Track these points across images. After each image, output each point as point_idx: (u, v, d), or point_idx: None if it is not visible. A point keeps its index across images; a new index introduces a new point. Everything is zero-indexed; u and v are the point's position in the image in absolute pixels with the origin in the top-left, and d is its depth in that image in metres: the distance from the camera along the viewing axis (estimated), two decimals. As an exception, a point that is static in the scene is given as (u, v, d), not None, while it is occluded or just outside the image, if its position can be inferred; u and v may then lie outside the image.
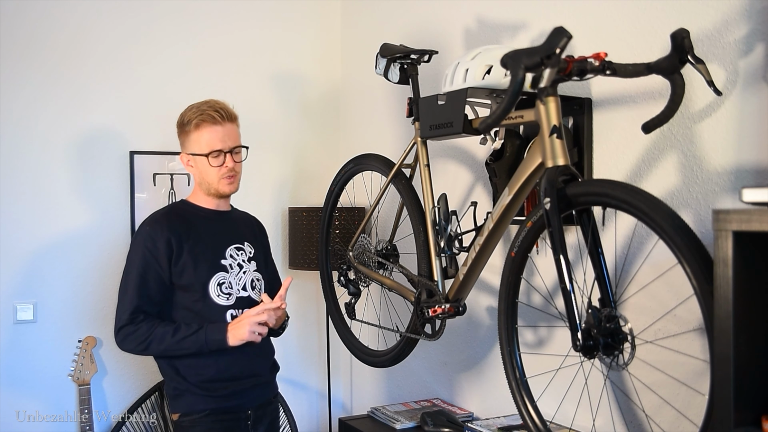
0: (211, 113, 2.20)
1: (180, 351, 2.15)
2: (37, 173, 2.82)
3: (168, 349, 2.15)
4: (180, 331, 2.14)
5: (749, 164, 1.63)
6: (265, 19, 3.28)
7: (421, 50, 2.20)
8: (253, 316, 2.15)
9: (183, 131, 2.25)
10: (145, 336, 2.14)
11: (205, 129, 2.20)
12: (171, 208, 2.34)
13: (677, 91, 1.58)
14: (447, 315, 2.01)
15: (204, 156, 2.21)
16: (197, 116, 2.20)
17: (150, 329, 2.14)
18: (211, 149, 2.20)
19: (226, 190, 2.27)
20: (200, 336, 2.13)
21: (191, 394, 2.21)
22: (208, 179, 2.25)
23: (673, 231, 1.33)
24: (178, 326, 2.16)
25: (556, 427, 2.02)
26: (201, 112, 2.20)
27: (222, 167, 2.22)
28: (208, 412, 2.20)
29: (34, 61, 2.81)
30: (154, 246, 2.19)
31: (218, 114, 2.20)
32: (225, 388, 2.22)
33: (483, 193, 2.48)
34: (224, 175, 2.24)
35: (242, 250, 2.32)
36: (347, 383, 3.43)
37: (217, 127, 2.21)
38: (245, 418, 2.26)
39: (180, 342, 2.13)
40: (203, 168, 2.24)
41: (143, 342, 2.14)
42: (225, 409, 2.23)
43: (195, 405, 2.21)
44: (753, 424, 1.20)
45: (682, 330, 1.74)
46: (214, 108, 2.21)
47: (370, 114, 3.21)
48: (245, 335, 2.14)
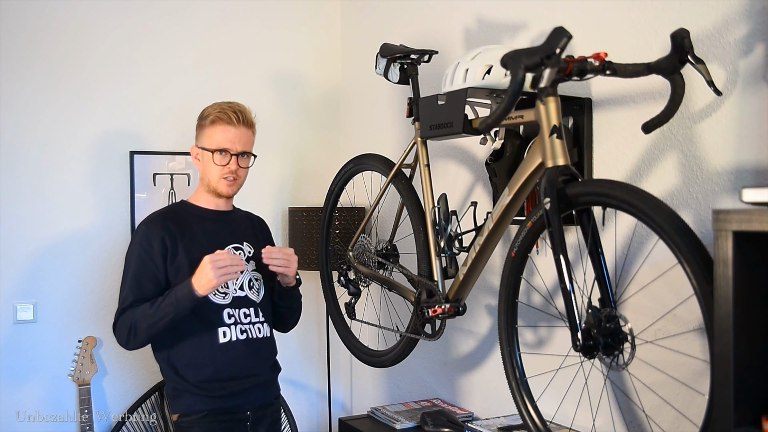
0: (229, 113, 2.24)
1: (161, 321, 2.11)
2: (37, 173, 2.82)
3: (151, 323, 2.12)
4: (156, 302, 2.14)
5: (749, 164, 1.63)
6: (265, 19, 3.28)
7: (421, 50, 2.20)
8: (209, 257, 2.10)
9: (200, 124, 2.30)
10: (130, 321, 2.15)
11: (219, 126, 2.24)
12: (169, 209, 2.36)
13: (677, 91, 1.58)
14: (447, 315, 2.01)
15: (210, 152, 2.24)
16: (216, 113, 2.25)
17: (132, 313, 2.15)
18: (218, 147, 2.23)
19: (224, 191, 2.28)
20: (171, 297, 2.12)
21: (190, 395, 2.21)
22: (209, 175, 2.28)
23: (673, 231, 1.33)
24: (154, 300, 2.15)
25: (556, 427, 2.02)
26: (221, 110, 2.25)
27: (225, 168, 2.25)
28: (207, 412, 2.21)
29: (34, 61, 2.81)
30: (149, 245, 2.20)
31: (235, 116, 2.25)
32: (223, 389, 2.22)
33: (483, 193, 2.48)
34: (225, 176, 2.26)
35: (240, 249, 2.32)
36: (347, 383, 3.43)
37: (231, 127, 2.24)
38: (244, 419, 2.26)
39: (156, 311, 2.11)
40: (207, 163, 2.26)
41: (131, 328, 2.14)
42: (224, 410, 2.23)
43: (194, 405, 2.21)
44: (753, 424, 1.20)
45: (682, 330, 1.74)
46: (233, 109, 2.26)
47: (370, 114, 3.21)
48: (213, 279, 2.08)
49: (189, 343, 2.21)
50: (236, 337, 2.23)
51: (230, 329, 2.23)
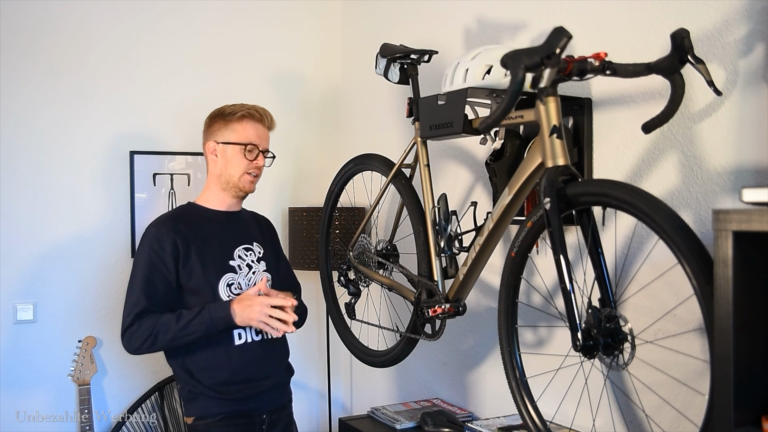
0: (260, 111, 2.31)
1: (188, 337, 2.10)
2: (37, 173, 2.82)
3: (175, 337, 2.10)
4: (183, 316, 2.10)
5: (749, 164, 1.63)
6: (265, 19, 3.28)
7: (421, 50, 2.20)
8: (266, 299, 2.09)
9: (222, 120, 2.27)
10: (150, 330, 2.10)
11: (250, 122, 2.27)
12: (177, 211, 2.34)
13: (677, 91, 1.58)
14: (447, 315, 2.01)
15: (241, 145, 2.24)
16: (245, 110, 2.28)
17: (154, 322, 2.11)
18: (248, 140, 2.25)
19: (247, 187, 2.30)
20: (204, 316, 2.09)
21: (206, 398, 2.18)
22: (231, 171, 2.26)
23: (673, 231, 1.33)
24: (180, 312, 2.12)
25: (556, 427, 2.02)
26: (249, 108, 2.30)
27: (253, 162, 2.27)
28: (223, 416, 2.18)
29: (34, 61, 2.81)
30: (160, 247, 2.17)
31: (265, 117, 2.31)
32: (239, 392, 2.20)
33: (483, 193, 2.48)
34: (250, 171, 2.27)
35: (251, 250, 2.31)
36: (347, 383, 3.43)
37: (260, 125, 2.30)
38: (260, 423, 2.24)
39: (185, 327, 2.09)
40: (232, 158, 2.25)
41: (149, 337, 2.10)
42: (240, 413, 2.21)
43: (209, 408, 2.18)
44: (753, 424, 1.20)
45: (682, 330, 1.74)
46: (261, 111, 2.32)
47: (370, 114, 3.21)
48: (253, 322, 2.09)
49: (204, 346, 2.17)
50: (251, 339, 2.22)
51: (245, 331, 2.21)
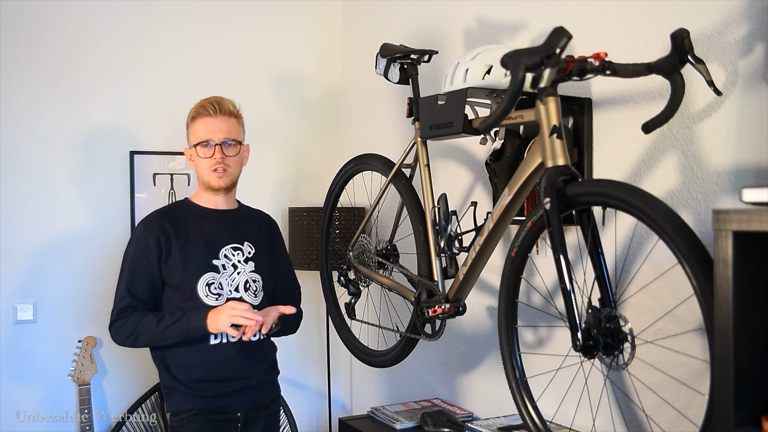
0: (206, 105, 2.26)
1: (166, 341, 2.17)
2: (37, 173, 2.82)
3: (155, 339, 2.18)
4: (164, 320, 2.17)
5: (749, 164, 1.63)
6: (265, 19, 3.28)
7: (421, 50, 2.20)
8: (231, 309, 2.12)
9: (186, 125, 2.31)
10: (133, 328, 2.18)
11: (200, 121, 2.26)
12: (169, 207, 2.37)
13: (677, 91, 1.58)
14: (447, 315, 2.01)
15: (194, 147, 2.25)
16: (195, 109, 2.28)
17: (137, 321, 2.18)
18: (199, 140, 2.24)
19: (215, 183, 2.26)
20: (182, 324, 2.15)
21: (180, 393, 2.22)
22: (200, 172, 2.28)
23: (673, 231, 1.33)
24: (163, 316, 2.18)
25: (556, 427, 2.02)
26: (199, 105, 2.28)
27: (210, 159, 2.24)
28: (195, 411, 2.21)
29: (35, 61, 2.81)
30: (145, 244, 2.22)
31: (212, 107, 2.25)
32: (212, 389, 2.21)
33: (483, 193, 2.47)
34: (213, 168, 2.24)
35: (240, 250, 2.31)
36: (347, 383, 3.43)
37: (209, 119, 2.25)
38: (234, 420, 2.24)
39: (164, 332, 2.15)
40: (197, 159, 2.27)
41: (132, 334, 2.18)
42: (213, 410, 2.22)
43: (183, 404, 2.22)
44: (753, 424, 1.20)
45: (682, 330, 1.74)
46: (210, 101, 2.27)
47: (370, 114, 3.21)
48: (220, 326, 2.12)
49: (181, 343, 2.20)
50: (227, 340, 2.22)
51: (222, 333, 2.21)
